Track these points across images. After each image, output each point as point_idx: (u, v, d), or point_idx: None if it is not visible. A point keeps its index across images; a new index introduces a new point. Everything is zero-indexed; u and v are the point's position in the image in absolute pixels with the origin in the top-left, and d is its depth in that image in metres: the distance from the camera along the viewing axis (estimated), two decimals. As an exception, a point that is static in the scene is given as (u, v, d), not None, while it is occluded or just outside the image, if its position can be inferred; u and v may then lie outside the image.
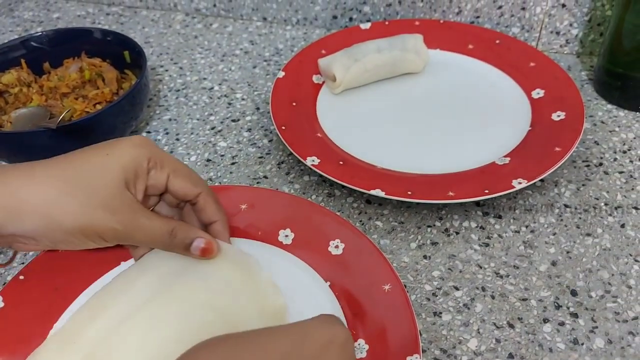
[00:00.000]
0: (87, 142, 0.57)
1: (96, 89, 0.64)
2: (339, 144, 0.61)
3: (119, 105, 0.58)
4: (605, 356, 0.43)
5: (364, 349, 0.42)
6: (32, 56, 0.67)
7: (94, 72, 0.64)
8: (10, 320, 0.44)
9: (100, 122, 0.57)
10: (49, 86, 0.64)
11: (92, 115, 0.56)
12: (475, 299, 0.47)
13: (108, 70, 0.64)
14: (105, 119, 0.58)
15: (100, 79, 0.64)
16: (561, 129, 0.58)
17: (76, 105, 0.62)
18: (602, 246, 0.51)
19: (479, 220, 0.54)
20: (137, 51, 0.65)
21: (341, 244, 0.49)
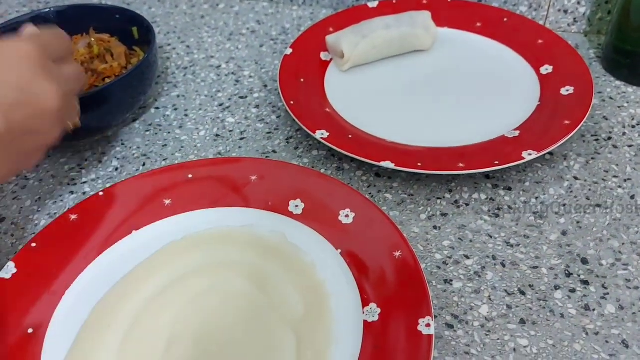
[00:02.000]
0: (96, 116, 0.57)
1: (105, 64, 0.63)
2: (348, 119, 0.61)
3: (128, 79, 0.58)
4: (616, 321, 0.43)
5: (376, 312, 0.42)
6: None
7: (102, 47, 0.64)
8: (23, 287, 0.45)
9: (109, 95, 0.57)
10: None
11: (101, 88, 0.56)
12: (486, 267, 0.47)
13: (116, 46, 0.64)
14: (113, 93, 0.57)
15: (109, 54, 0.64)
16: (570, 103, 0.58)
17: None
18: (612, 216, 0.51)
19: (488, 193, 0.54)
20: (145, 27, 0.65)
21: (351, 213, 0.49)
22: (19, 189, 0.57)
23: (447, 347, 0.42)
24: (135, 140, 0.62)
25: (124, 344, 0.42)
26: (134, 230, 0.50)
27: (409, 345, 0.39)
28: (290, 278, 0.46)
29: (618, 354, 0.41)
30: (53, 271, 0.46)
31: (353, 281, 0.45)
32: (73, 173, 0.59)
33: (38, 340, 0.42)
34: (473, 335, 0.43)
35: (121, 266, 0.47)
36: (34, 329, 0.43)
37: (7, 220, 0.54)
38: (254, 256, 0.48)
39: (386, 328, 0.41)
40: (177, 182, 0.53)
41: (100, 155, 0.60)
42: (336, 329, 0.42)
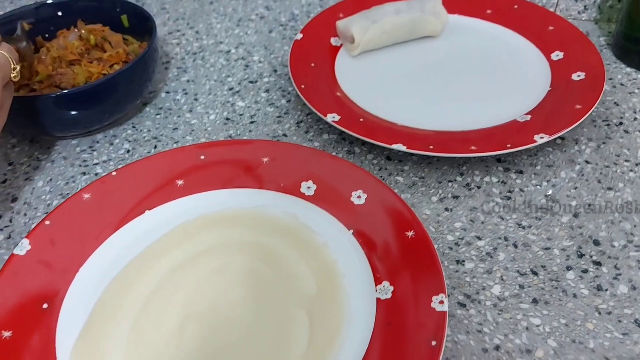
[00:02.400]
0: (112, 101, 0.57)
1: (104, 53, 0.63)
2: (359, 103, 0.61)
3: (143, 61, 0.58)
4: (629, 302, 0.43)
5: (389, 290, 0.42)
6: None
7: (99, 36, 0.63)
8: (37, 264, 0.45)
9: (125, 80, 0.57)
10: (52, 56, 0.62)
11: (119, 72, 0.55)
12: (498, 248, 0.47)
13: (112, 35, 0.63)
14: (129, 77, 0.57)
15: (107, 43, 0.63)
16: (582, 88, 0.58)
17: (92, 69, 0.61)
18: (624, 199, 0.51)
19: (500, 176, 0.54)
20: (139, 13, 0.64)
21: (363, 195, 0.49)
22: (31, 170, 0.57)
23: (460, 325, 0.42)
24: (146, 123, 0.62)
25: (138, 322, 0.42)
26: (147, 210, 0.50)
27: (423, 322, 0.39)
28: (303, 258, 0.46)
29: (631, 333, 0.41)
30: (67, 249, 0.46)
31: (365, 260, 0.45)
32: (85, 155, 0.59)
33: (53, 315, 0.42)
34: (486, 314, 0.43)
35: (135, 245, 0.47)
36: (49, 304, 0.43)
37: (20, 200, 0.54)
38: (266, 236, 0.48)
39: (399, 305, 0.41)
40: (190, 163, 0.53)
41: (111, 138, 0.61)
42: (349, 307, 0.42)
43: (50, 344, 0.41)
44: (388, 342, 0.39)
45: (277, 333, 0.41)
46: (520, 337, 0.41)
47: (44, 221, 0.47)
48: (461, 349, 0.41)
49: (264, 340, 0.41)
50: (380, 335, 0.40)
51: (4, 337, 0.40)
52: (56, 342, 0.41)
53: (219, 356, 0.40)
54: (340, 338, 0.40)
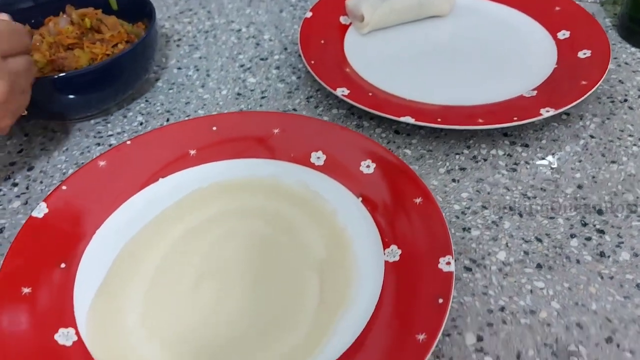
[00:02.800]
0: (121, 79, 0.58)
1: (99, 34, 0.63)
2: (368, 78, 0.62)
3: (149, 38, 0.59)
4: (631, 267, 0.44)
5: (397, 253, 0.44)
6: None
7: (94, 19, 0.63)
8: (54, 226, 0.46)
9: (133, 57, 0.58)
10: (48, 42, 0.61)
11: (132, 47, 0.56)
12: (503, 217, 0.49)
13: (106, 17, 0.63)
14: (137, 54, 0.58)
15: (103, 25, 0.64)
16: (587, 65, 0.59)
17: (95, 50, 0.62)
18: (627, 172, 0.52)
19: (506, 149, 0.55)
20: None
21: (372, 164, 0.50)
22: (46, 140, 0.58)
23: (465, 288, 0.44)
24: (159, 97, 0.64)
25: (154, 280, 0.43)
26: (161, 178, 0.51)
27: (430, 281, 0.40)
28: (313, 223, 0.47)
29: (632, 296, 0.42)
30: (83, 213, 0.48)
31: (374, 226, 0.46)
32: (99, 127, 0.60)
33: (70, 274, 0.44)
34: (491, 278, 0.44)
35: (149, 210, 0.49)
36: (66, 264, 0.44)
37: (36, 169, 0.55)
38: (277, 203, 0.49)
39: (407, 267, 0.42)
40: (203, 133, 0.54)
41: (125, 111, 0.62)
42: (357, 269, 0.43)
43: (67, 300, 0.42)
44: (396, 300, 0.40)
45: (288, 291, 0.42)
46: (524, 299, 0.43)
47: (61, 186, 0.48)
48: (467, 310, 0.42)
49: (276, 298, 0.42)
50: (389, 293, 0.41)
51: (24, 293, 0.41)
52: (74, 299, 0.42)
53: (232, 312, 0.41)
54: (350, 296, 0.42)
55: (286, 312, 0.41)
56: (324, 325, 0.40)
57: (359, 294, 0.42)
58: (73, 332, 0.40)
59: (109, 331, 0.40)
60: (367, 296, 0.41)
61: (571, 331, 0.40)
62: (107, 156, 0.51)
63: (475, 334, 0.41)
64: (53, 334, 0.40)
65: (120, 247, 0.46)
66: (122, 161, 0.51)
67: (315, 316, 0.41)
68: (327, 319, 0.40)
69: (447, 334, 0.41)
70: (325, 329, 0.40)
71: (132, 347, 0.39)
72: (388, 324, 0.39)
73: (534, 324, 0.41)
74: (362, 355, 0.38)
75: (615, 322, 0.41)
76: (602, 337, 0.40)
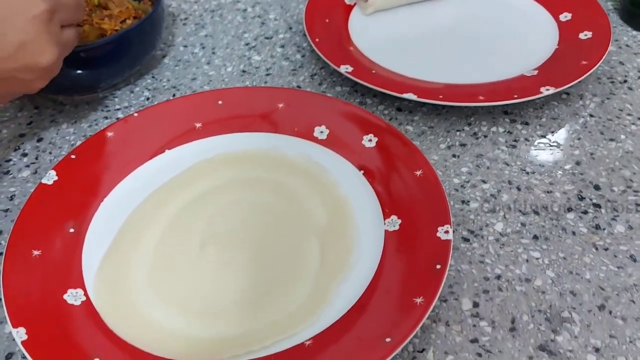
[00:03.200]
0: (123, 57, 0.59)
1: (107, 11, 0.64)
2: (371, 57, 0.63)
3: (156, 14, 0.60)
4: (625, 239, 0.45)
5: (396, 222, 0.45)
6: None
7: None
8: (63, 192, 0.47)
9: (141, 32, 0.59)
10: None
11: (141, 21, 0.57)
12: (501, 190, 0.50)
13: None
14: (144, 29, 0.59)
15: (110, 1, 0.65)
16: (588, 46, 0.60)
17: (104, 25, 0.63)
18: (625, 149, 0.53)
19: (506, 126, 0.56)
20: None
21: (374, 138, 0.51)
22: (55, 113, 0.60)
23: (463, 256, 0.45)
24: (165, 73, 0.65)
25: (160, 243, 0.45)
26: (167, 149, 0.52)
27: (428, 249, 0.41)
28: (315, 194, 0.48)
29: (626, 266, 0.43)
30: (91, 180, 0.49)
31: (374, 197, 0.47)
32: (107, 101, 0.61)
33: (79, 237, 0.45)
34: (488, 247, 0.45)
35: (155, 179, 0.50)
36: (75, 228, 0.46)
37: (45, 140, 0.57)
38: (280, 174, 0.50)
39: (406, 235, 0.43)
40: (208, 107, 0.55)
41: (132, 86, 0.63)
42: (358, 237, 0.45)
43: (76, 262, 0.43)
44: (395, 266, 0.42)
45: (290, 256, 0.44)
46: (520, 268, 0.44)
47: (70, 155, 0.50)
48: (464, 277, 0.43)
49: (278, 262, 0.43)
50: (389, 260, 0.42)
51: (34, 255, 0.43)
52: (82, 261, 0.44)
53: (236, 275, 0.42)
54: (350, 261, 0.43)
55: (288, 275, 0.42)
56: (324, 288, 0.41)
57: (359, 259, 0.43)
58: (82, 293, 0.42)
59: (116, 291, 0.42)
60: (367, 262, 0.43)
61: (565, 298, 0.42)
62: (115, 127, 0.52)
63: (472, 300, 0.42)
64: (62, 294, 0.41)
65: (128, 213, 0.47)
66: (129, 132, 0.52)
67: (315, 280, 0.42)
68: (328, 283, 0.42)
69: (444, 300, 0.42)
70: (326, 292, 0.41)
71: (138, 306, 0.41)
72: (387, 288, 0.40)
73: (528, 291, 0.42)
74: (362, 316, 0.39)
75: (608, 290, 0.42)
76: (594, 305, 0.41)
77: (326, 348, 0.37)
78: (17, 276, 0.41)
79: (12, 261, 0.42)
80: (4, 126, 0.58)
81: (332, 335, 0.38)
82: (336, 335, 0.38)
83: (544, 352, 0.39)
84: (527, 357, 0.38)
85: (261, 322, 0.40)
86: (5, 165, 0.54)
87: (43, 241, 0.44)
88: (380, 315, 0.39)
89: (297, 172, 0.50)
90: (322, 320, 0.39)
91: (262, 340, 0.38)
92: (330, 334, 0.38)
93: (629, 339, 0.39)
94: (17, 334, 0.37)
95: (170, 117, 0.54)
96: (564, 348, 0.39)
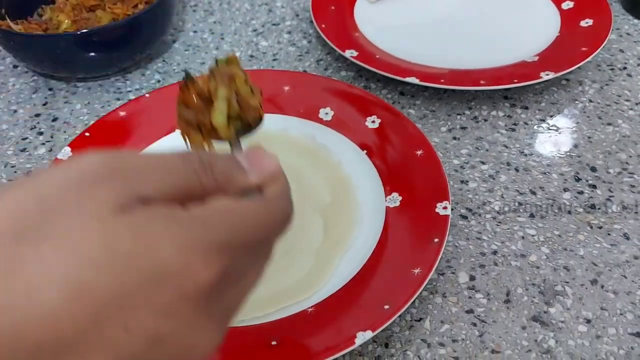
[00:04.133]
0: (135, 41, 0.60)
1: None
2: (376, 43, 0.64)
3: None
4: (619, 218, 0.47)
5: (397, 199, 0.46)
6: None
7: None
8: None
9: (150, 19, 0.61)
10: (72, 4, 0.64)
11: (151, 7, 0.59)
12: (500, 171, 0.51)
13: None
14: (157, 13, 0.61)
15: None
16: (589, 33, 0.61)
17: (116, 10, 0.65)
18: (622, 133, 0.54)
19: (506, 110, 0.57)
20: None
21: (377, 119, 0.53)
22: (69, 95, 0.62)
23: (461, 233, 0.46)
24: (175, 57, 0.66)
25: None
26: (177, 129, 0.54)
27: (427, 223, 0.43)
28: (319, 172, 0.50)
29: (619, 244, 0.45)
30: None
31: (377, 175, 0.49)
32: (118, 83, 0.63)
33: None
34: (485, 224, 0.47)
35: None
36: None
37: (60, 120, 0.59)
38: (286, 154, 0.51)
39: (406, 211, 0.45)
40: (216, 89, 0.57)
41: (143, 70, 0.65)
42: (360, 213, 0.46)
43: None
44: (395, 239, 0.43)
45: (294, 231, 0.45)
46: (515, 244, 0.45)
47: (84, 133, 0.52)
48: (461, 252, 0.45)
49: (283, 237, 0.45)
50: (389, 234, 0.44)
51: None
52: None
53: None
54: (352, 236, 0.45)
55: (292, 249, 0.44)
56: (327, 261, 0.43)
57: (360, 234, 0.45)
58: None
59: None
60: (369, 237, 0.44)
61: (558, 273, 0.43)
62: (127, 107, 0.54)
63: (468, 274, 0.44)
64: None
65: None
66: (141, 112, 0.54)
67: (318, 253, 0.44)
68: (331, 256, 0.43)
69: (441, 273, 0.44)
70: (329, 264, 0.43)
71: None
72: (387, 260, 0.42)
73: (523, 266, 0.44)
74: (362, 286, 0.41)
75: (601, 265, 0.44)
76: (587, 279, 0.43)
77: (327, 314, 0.39)
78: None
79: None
80: (20, 107, 0.60)
81: (333, 303, 0.40)
82: (337, 303, 0.40)
83: (537, 323, 0.40)
84: (520, 327, 0.40)
85: (265, 291, 0.41)
86: (22, 143, 0.56)
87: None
88: (380, 285, 0.40)
89: (303, 153, 0.52)
90: (325, 290, 0.41)
91: (265, 307, 0.40)
92: (331, 302, 0.40)
93: (619, 312, 0.41)
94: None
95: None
96: (556, 319, 0.40)
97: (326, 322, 0.39)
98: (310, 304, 0.40)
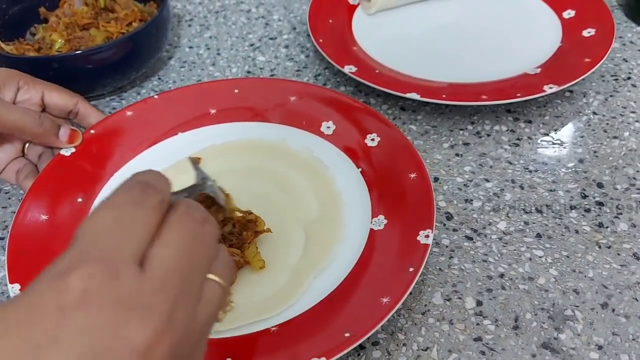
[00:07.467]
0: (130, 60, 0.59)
1: (112, 14, 0.65)
2: (375, 57, 0.63)
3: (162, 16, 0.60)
4: (629, 237, 0.46)
5: (382, 222, 0.45)
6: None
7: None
8: (78, 165, 0.51)
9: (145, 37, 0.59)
10: (65, 23, 0.63)
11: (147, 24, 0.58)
12: (504, 189, 0.50)
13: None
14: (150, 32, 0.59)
15: (117, 4, 0.65)
16: (591, 43, 0.60)
17: (110, 28, 0.64)
18: (628, 147, 0.53)
19: (509, 125, 0.56)
20: None
21: (377, 138, 0.52)
22: (63, 116, 0.61)
23: (466, 255, 0.45)
24: (171, 75, 0.65)
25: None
26: (180, 132, 0.54)
27: (406, 251, 0.42)
28: (311, 186, 0.50)
29: (629, 264, 0.44)
30: (105, 156, 0.52)
31: (367, 195, 0.48)
32: (114, 103, 0.62)
33: (86, 208, 0.48)
34: (491, 246, 0.46)
35: (165, 159, 0.50)
36: (82, 199, 0.49)
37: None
38: (282, 165, 0.52)
39: (389, 235, 0.44)
40: (225, 95, 0.56)
41: (138, 88, 0.64)
42: (343, 233, 0.46)
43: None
44: (372, 264, 0.43)
45: (275, 244, 0.45)
46: (523, 266, 0.44)
47: (89, 130, 0.52)
48: (467, 275, 0.44)
49: (262, 248, 0.44)
50: (367, 258, 0.43)
51: (41, 219, 0.46)
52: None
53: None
54: (331, 254, 0.44)
55: (268, 263, 0.44)
56: (300, 279, 0.43)
57: (340, 253, 0.44)
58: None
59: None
60: (347, 257, 0.44)
61: (568, 296, 0.42)
62: (135, 107, 0.55)
63: (475, 299, 0.42)
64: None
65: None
66: (147, 113, 0.55)
67: (293, 270, 0.44)
68: (305, 274, 0.43)
69: (448, 299, 0.42)
70: (301, 283, 0.43)
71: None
72: (359, 284, 0.42)
73: (532, 289, 0.43)
74: (328, 309, 0.40)
75: (611, 288, 0.42)
76: (597, 302, 0.42)
77: (290, 334, 0.39)
78: (22, 237, 0.44)
79: (21, 223, 0.45)
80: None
81: (297, 324, 0.40)
82: (300, 325, 0.40)
83: (547, 350, 0.39)
84: (530, 355, 0.39)
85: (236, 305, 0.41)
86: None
87: (51, 208, 0.47)
88: (346, 311, 0.40)
89: (298, 166, 0.52)
90: (292, 309, 0.41)
91: (231, 322, 0.40)
92: (295, 323, 0.40)
93: (631, 337, 0.39)
94: (12, 290, 0.40)
95: (187, 101, 0.56)
96: (567, 346, 0.39)
97: (285, 343, 0.38)
98: (274, 322, 0.40)
